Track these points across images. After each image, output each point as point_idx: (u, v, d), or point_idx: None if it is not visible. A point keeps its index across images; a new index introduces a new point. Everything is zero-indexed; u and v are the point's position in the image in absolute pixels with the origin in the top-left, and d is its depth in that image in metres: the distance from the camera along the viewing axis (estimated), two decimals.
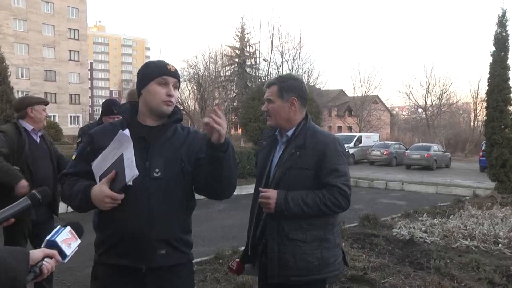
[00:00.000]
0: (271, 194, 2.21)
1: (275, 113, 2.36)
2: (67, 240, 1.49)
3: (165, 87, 1.95)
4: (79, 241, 1.54)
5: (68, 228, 1.52)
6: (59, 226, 1.52)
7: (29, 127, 3.56)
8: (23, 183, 3.30)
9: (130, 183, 1.79)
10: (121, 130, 1.85)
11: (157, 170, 1.89)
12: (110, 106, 3.77)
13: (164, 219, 1.90)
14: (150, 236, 1.86)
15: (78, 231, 1.57)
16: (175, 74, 1.98)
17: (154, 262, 1.89)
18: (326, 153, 2.25)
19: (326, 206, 2.21)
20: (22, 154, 3.43)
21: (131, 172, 1.75)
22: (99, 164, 1.90)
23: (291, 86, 2.36)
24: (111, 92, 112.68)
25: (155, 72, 1.95)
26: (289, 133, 2.37)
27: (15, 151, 3.42)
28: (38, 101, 3.66)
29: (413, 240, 5.98)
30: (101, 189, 1.80)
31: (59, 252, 1.45)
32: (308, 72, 37.12)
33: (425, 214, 7.60)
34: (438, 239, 6.00)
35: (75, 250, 1.51)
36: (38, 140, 3.62)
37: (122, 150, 1.80)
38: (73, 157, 2.10)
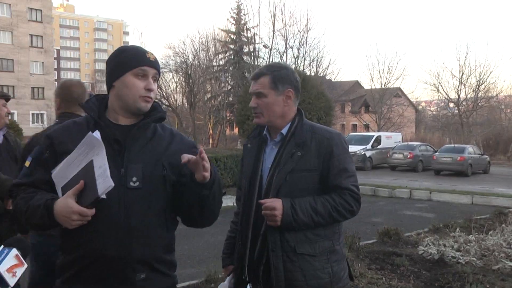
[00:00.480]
0: (276, 204, 2.21)
1: (267, 109, 2.35)
2: (13, 267, 1.46)
3: (144, 80, 1.92)
4: (25, 266, 1.50)
5: (14, 251, 1.47)
6: (1, 248, 1.48)
7: None
8: None
9: (104, 196, 1.75)
10: (90, 132, 1.80)
11: (134, 179, 1.87)
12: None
13: (145, 236, 1.88)
14: (128, 258, 1.84)
15: (24, 251, 1.53)
16: (155, 64, 1.96)
17: (134, 287, 1.87)
18: (333, 150, 2.28)
19: (338, 212, 2.25)
20: None
21: (104, 183, 1.71)
22: (62, 173, 1.86)
23: (286, 76, 2.36)
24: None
25: (132, 62, 1.92)
26: (284, 130, 2.38)
27: None
28: None
29: (443, 260, 5.99)
30: (66, 204, 1.75)
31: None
32: (317, 60, 37.12)
33: (458, 229, 7.61)
34: (475, 259, 6.00)
35: (19, 277, 1.48)
36: (0, 140, 3.65)
37: (92, 156, 1.77)
38: (27, 163, 2.01)
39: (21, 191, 1.92)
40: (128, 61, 1.93)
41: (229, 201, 12.50)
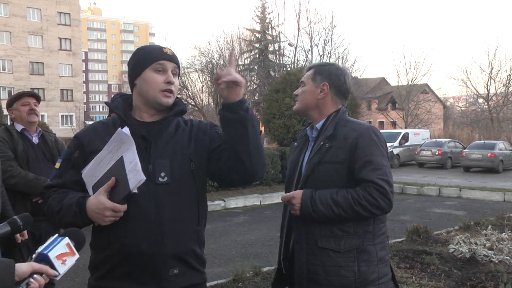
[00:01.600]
0: (295, 193, 2.27)
1: (302, 96, 2.48)
2: (62, 255, 1.47)
3: (163, 74, 1.95)
4: (77, 256, 1.52)
5: (66, 240, 1.51)
6: (55, 236, 1.51)
7: (19, 127, 3.81)
8: None
9: (135, 190, 1.77)
10: (119, 128, 1.83)
11: (162, 174, 1.89)
12: None
13: (177, 231, 1.90)
14: (162, 253, 1.86)
15: (79, 243, 1.57)
16: (173, 58, 1.99)
17: (167, 283, 1.89)
18: (358, 142, 2.24)
19: (362, 206, 2.16)
20: (15, 156, 3.69)
21: (136, 177, 1.73)
22: (92, 172, 1.89)
23: (326, 71, 2.46)
24: (109, 86, 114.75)
25: (149, 57, 1.97)
26: (319, 125, 2.44)
27: None
28: (12, 99, 3.87)
29: (475, 258, 5.88)
30: (99, 200, 1.78)
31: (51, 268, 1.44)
32: (343, 57, 36.90)
33: (490, 227, 7.46)
34: (509, 257, 5.86)
35: (70, 266, 1.50)
36: (35, 141, 3.85)
37: (121, 153, 1.79)
38: (57, 165, 2.04)
39: (53, 192, 1.96)
40: (146, 57, 1.97)
41: (255, 200, 12.59)
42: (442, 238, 7.20)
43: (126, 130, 1.82)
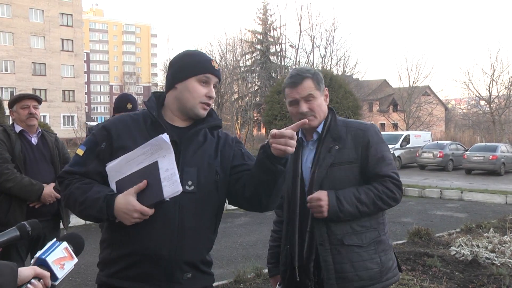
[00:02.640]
0: (321, 195, 2.26)
1: (319, 110, 2.39)
2: (61, 259, 1.48)
3: (206, 87, 1.97)
4: (75, 260, 1.53)
5: (64, 244, 1.51)
6: (54, 241, 1.53)
7: (18, 128, 3.81)
8: (47, 190, 3.66)
9: (168, 199, 1.79)
10: (161, 135, 1.82)
11: (189, 182, 1.90)
12: (124, 102, 3.90)
13: (196, 238, 1.93)
14: (179, 258, 1.89)
15: (78, 247, 1.58)
16: (218, 73, 2.02)
17: (180, 286, 1.91)
18: (369, 140, 2.34)
19: (382, 200, 2.30)
20: (13, 157, 3.68)
21: (172, 187, 1.76)
22: (118, 167, 1.89)
23: (319, 76, 2.45)
24: (111, 87, 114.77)
25: (198, 67, 1.97)
26: (319, 129, 2.42)
27: None
28: (13, 101, 3.87)
29: (477, 261, 5.85)
30: (128, 201, 1.79)
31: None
32: (344, 59, 37.02)
33: (491, 229, 7.43)
34: (511, 260, 5.82)
35: (69, 271, 1.51)
36: (34, 142, 3.84)
37: (157, 158, 1.80)
38: (79, 151, 2.00)
39: (76, 180, 1.93)
40: (194, 66, 1.97)
41: None
42: (444, 240, 7.19)
43: (166, 137, 1.81)
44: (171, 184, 1.75)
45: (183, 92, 1.96)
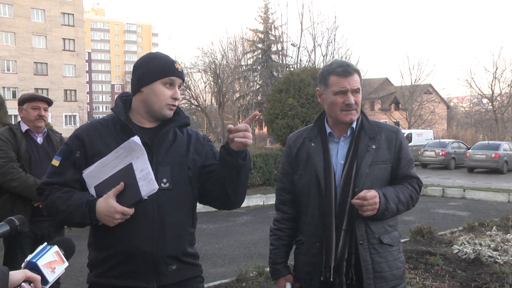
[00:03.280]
0: (372, 194, 2.24)
1: (360, 104, 2.41)
2: (52, 263, 1.51)
3: (171, 89, 2.05)
4: (66, 264, 1.56)
5: (55, 248, 1.54)
6: (44, 244, 1.55)
7: (24, 127, 3.85)
8: None
9: (146, 197, 1.88)
10: (132, 138, 1.89)
11: (164, 180, 2.00)
12: None
13: (176, 233, 2.03)
14: (162, 253, 1.98)
15: (69, 251, 1.59)
16: (182, 75, 2.10)
17: (166, 278, 2.01)
18: (402, 143, 2.44)
19: (412, 200, 2.41)
20: (18, 156, 3.72)
21: (148, 186, 1.84)
22: (96, 173, 1.95)
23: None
24: (112, 86, 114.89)
25: (162, 71, 2.04)
26: (354, 125, 2.41)
27: None
28: (24, 99, 3.89)
29: (479, 259, 5.85)
30: (109, 204, 1.87)
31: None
32: (346, 58, 36.77)
33: (494, 228, 7.44)
34: None
35: (60, 275, 1.51)
36: (40, 141, 3.89)
37: (131, 160, 1.87)
38: (55, 162, 2.06)
39: (55, 189, 2.00)
40: (158, 70, 2.05)
41: (259, 200, 12.57)
42: (446, 238, 7.18)
43: (137, 139, 1.88)
44: (147, 183, 1.84)
45: (150, 96, 2.03)
